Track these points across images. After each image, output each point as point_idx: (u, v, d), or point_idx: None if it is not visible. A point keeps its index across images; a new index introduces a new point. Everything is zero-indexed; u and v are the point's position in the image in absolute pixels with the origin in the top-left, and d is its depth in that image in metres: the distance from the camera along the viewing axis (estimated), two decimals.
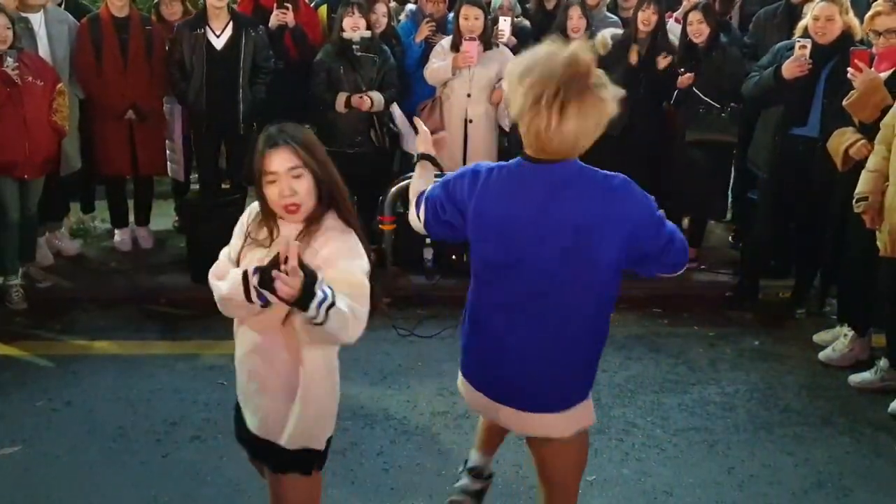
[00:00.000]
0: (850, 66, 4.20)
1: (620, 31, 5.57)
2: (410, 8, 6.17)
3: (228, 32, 5.37)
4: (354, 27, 5.21)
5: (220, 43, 5.37)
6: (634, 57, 5.22)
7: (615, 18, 5.88)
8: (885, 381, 4.21)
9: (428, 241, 5.47)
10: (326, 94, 5.29)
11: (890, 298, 4.10)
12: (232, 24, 5.38)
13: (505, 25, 5.46)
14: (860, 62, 4.16)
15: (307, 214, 2.26)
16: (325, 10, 5.96)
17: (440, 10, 5.75)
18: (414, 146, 5.56)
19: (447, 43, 5.42)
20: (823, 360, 4.53)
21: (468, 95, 5.41)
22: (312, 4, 6.06)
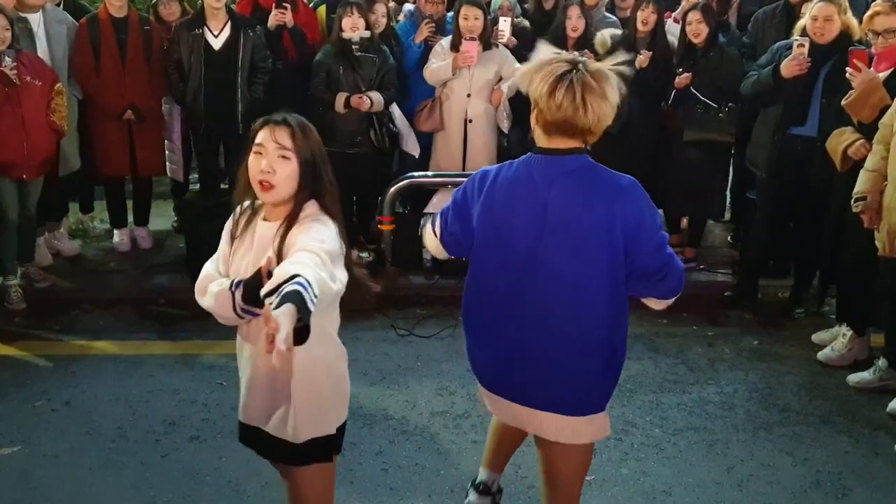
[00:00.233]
0: (848, 65, 4.21)
1: (620, 31, 5.57)
2: (408, 8, 6.17)
3: (226, 33, 5.37)
4: (354, 27, 5.21)
5: (218, 43, 5.37)
6: (646, 61, 5.21)
7: (614, 19, 5.88)
8: (883, 380, 4.21)
9: None
10: (326, 94, 5.30)
11: (889, 298, 4.11)
12: (230, 24, 5.38)
13: (505, 26, 5.47)
14: (859, 62, 4.16)
15: (282, 202, 2.24)
16: (323, 10, 5.96)
17: (439, 10, 5.76)
18: (413, 146, 5.64)
19: (447, 43, 5.42)
20: (822, 359, 4.53)
21: (468, 95, 5.42)
22: (311, 4, 6.06)
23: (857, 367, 4.39)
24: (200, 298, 2.33)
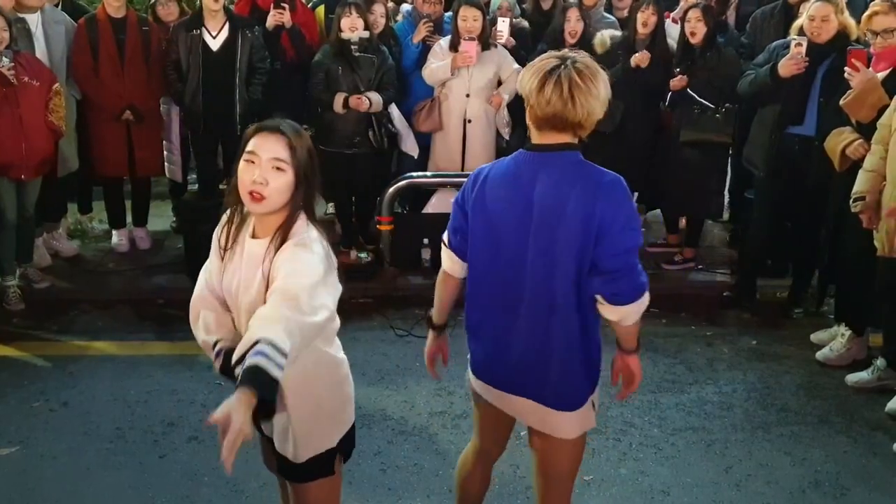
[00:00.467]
0: (846, 65, 4.21)
1: (619, 32, 5.57)
2: (406, 8, 6.17)
3: (225, 34, 5.37)
4: (352, 27, 5.21)
5: (216, 44, 5.37)
6: (646, 60, 5.21)
7: (612, 19, 5.88)
8: (882, 380, 4.21)
9: (426, 240, 5.47)
10: (324, 94, 5.29)
11: (887, 298, 4.11)
12: (228, 25, 5.38)
13: (503, 26, 5.47)
14: (857, 61, 4.16)
15: (272, 213, 2.15)
16: (322, 10, 5.96)
17: (436, 11, 5.76)
18: (412, 146, 5.64)
19: (445, 43, 5.42)
20: (821, 359, 4.53)
21: (467, 96, 5.42)
22: (310, 5, 6.07)
23: (855, 366, 4.39)
24: (193, 325, 2.32)
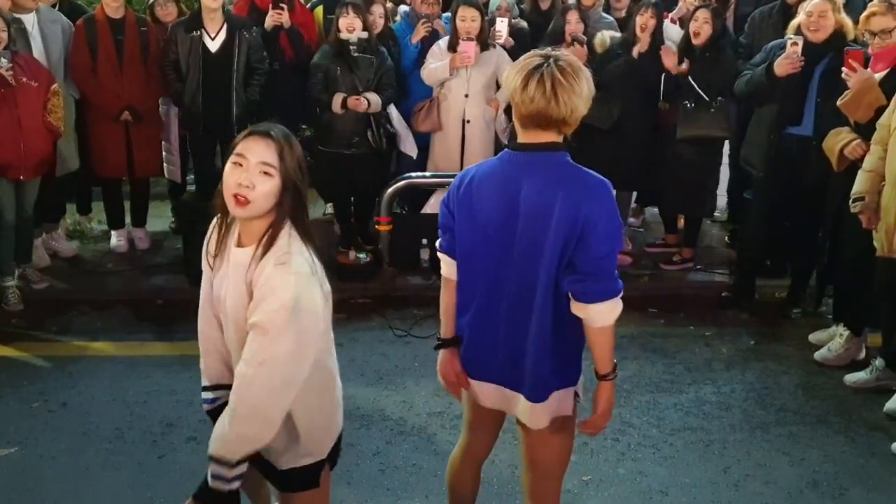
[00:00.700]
0: (844, 65, 4.21)
1: (619, 33, 5.56)
2: (404, 9, 6.17)
3: (223, 35, 5.37)
4: (350, 28, 5.21)
5: (214, 46, 5.37)
6: (645, 46, 5.20)
7: (611, 19, 5.88)
8: (880, 380, 4.21)
9: (424, 241, 5.47)
10: (323, 94, 5.28)
11: (886, 298, 4.11)
12: (226, 26, 5.38)
13: (502, 27, 5.47)
14: (854, 62, 4.17)
15: (256, 218, 2.11)
16: (320, 10, 5.96)
17: (434, 11, 5.76)
18: (410, 147, 5.63)
19: (444, 43, 5.43)
20: (819, 359, 4.53)
21: (465, 96, 5.43)
22: (308, 5, 6.07)
23: (853, 367, 4.39)
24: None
